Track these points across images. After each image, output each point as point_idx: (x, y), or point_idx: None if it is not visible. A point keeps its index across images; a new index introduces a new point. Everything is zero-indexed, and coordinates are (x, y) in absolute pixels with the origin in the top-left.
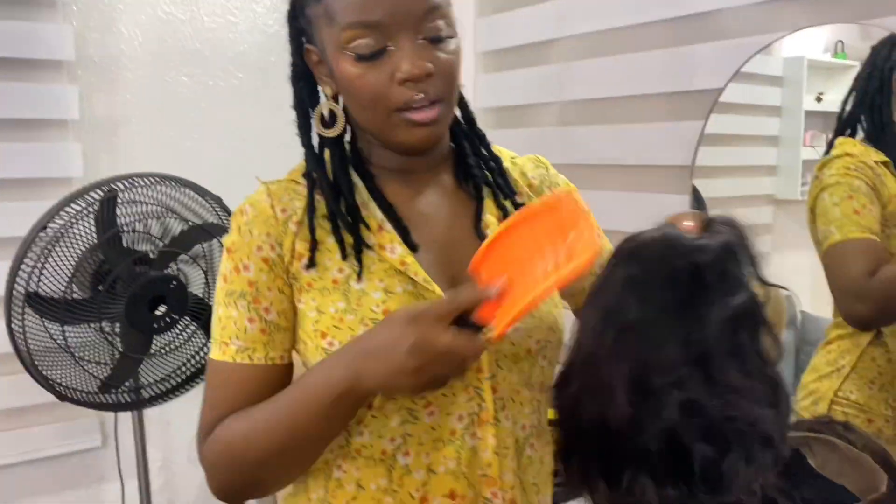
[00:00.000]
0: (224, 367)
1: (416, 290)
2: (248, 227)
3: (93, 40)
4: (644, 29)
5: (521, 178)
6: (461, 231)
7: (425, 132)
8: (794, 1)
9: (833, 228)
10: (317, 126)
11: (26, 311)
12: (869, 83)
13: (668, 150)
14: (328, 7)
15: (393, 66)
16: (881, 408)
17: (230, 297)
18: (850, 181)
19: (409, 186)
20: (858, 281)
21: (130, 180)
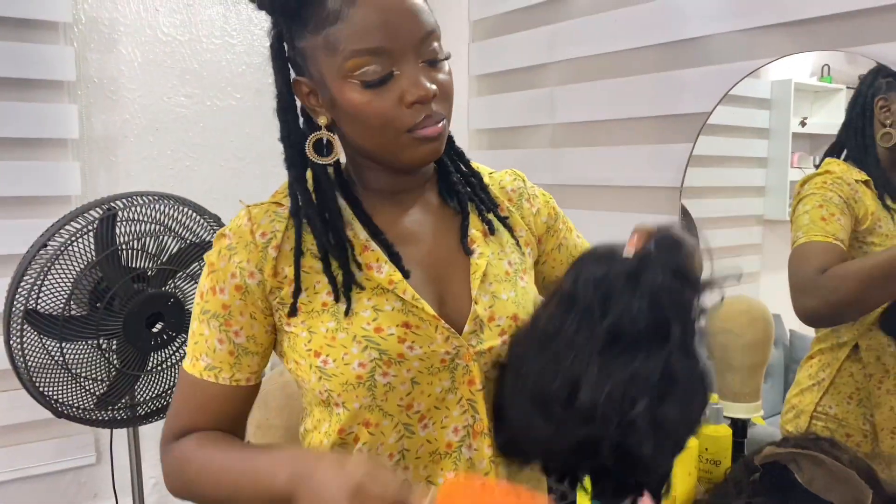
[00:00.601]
0: (192, 381)
1: (404, 307)
2: (227, 253)
3: (93, 61)
4: (633, 54)
5: (500, 192)
6: (447, 247)
7: (432, 147)
8: (778, 28)
9: (800, 234)
10: (310, 154)
11: (25, 327)
12: (854, 107)
13: (658, 172)
14: (329, 37)
15: (400, 89)
16: (859, 423)
17: (204, 316)
18: (823, 192)
19: (396, 208)
20: (808, 276)
21: (130, 199)
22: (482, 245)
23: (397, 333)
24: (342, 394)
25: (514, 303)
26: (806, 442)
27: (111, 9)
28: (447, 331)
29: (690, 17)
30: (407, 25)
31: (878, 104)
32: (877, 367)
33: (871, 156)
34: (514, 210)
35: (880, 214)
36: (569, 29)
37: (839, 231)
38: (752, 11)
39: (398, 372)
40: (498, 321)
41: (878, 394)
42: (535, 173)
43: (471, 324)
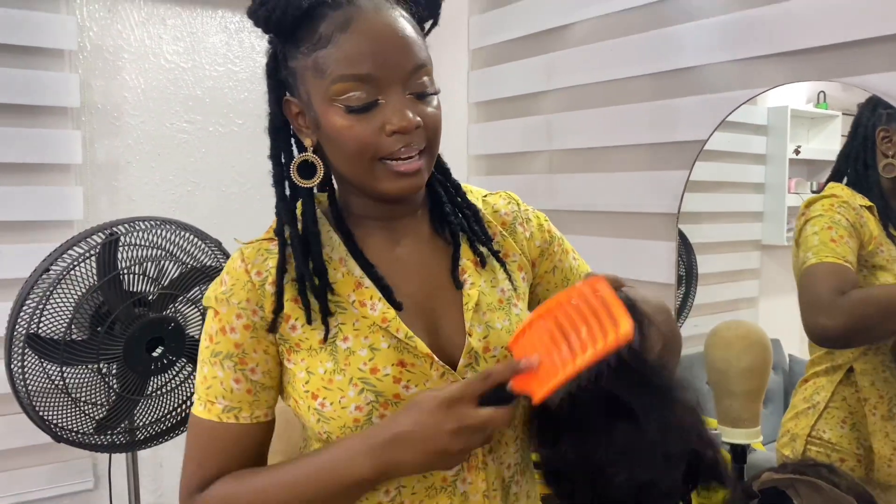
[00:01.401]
0: (210, 426)
1: (399, 345)
2: (226, 297)
3: (97, 87)
4: (629, 83)
5: (493, 217)
6: (438, 279)
7: (407, 182)
8: (773, 59)
9: (810, 254)
10: (294, 177)
11: (26, 352)
12: (854, 138)
13: (655, 198)
14: (318, 60)
15: (383, 118)
16: (853, 447)
17: (216, 357)
18: (831, 215)
19: (387, 237)
20: (826, 297)
21: (132, 224)
22: (473, 275)
23: (392, 373)
24: (340, 436)
25: (508, 332)
26: (804, 468)
27: (116, 36)
28: (442, 367)
29: (686, 46)
30: (396, 57)
31: (880, 135)
32: (871, 391)
33: (872, 185)
34: (508, 234)
35: (882, 239)
36: (566, 58)
37: (848, 253)
38: (746, 42)
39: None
40: (493, 352)
41: (872, 420)
42: (533, 199)
43: (465, 357)
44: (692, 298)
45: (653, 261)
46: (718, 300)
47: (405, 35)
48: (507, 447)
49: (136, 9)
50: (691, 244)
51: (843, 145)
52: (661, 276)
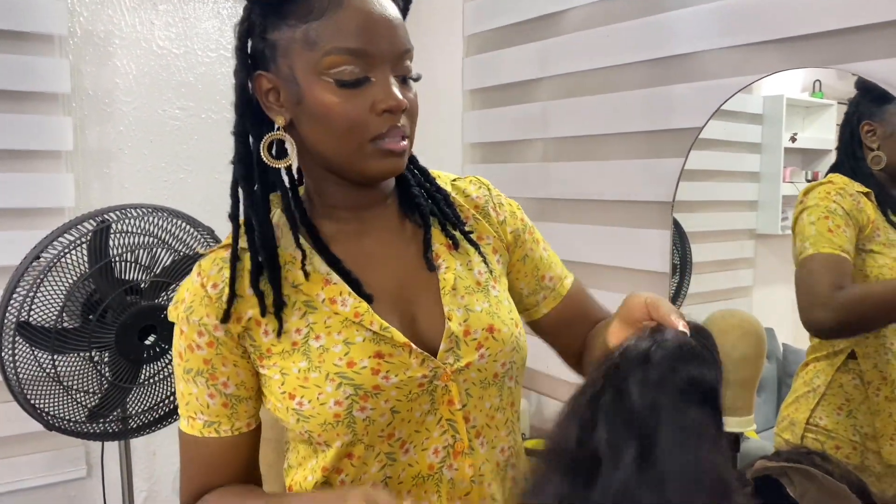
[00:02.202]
0: (194, 441)
1: (375, 337)
2: (186, 315)
3: (88, 73)
4: (624, 70)
5: (465, 201)
6: (411, 266)
7: (394, 162)
8: (769, 45)
9: (807, 244)
10: (265, 156)
11: (17, 340)
12: (843, 133)
13: (650, 186)
14: (309, 32)
15: (372, 96)
16: (849, 434)
17: (188, 374)
18: (827, 204)
19: (355, 229)
20: (824, 291)
21: (123, 211)
22: (448, 259)
23: (370, 365)
24: (322, 434)
25: (488, 314)
26: (797, 456)
27: (107, 22)
28: (421, 354)
29: (681, 33)
30: (389, 37)
31: (864, 129)
32: (874, 374)
33: (867, 177)
34: (481, 217)
35: (880, 224)
36: (561, 44)
37: (845, 243)
38: (743, 28)
39: (376, 404)
40: (474, 335)
41: (876, 401)
42: (528, 187)
43: (446, 342)
44: (686, 287)
45: (647, 249)
46: (713, 289)
47: (397, 17)
48: (497, 431)
49: None
50: (686, 233)
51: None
52: (656, 264)
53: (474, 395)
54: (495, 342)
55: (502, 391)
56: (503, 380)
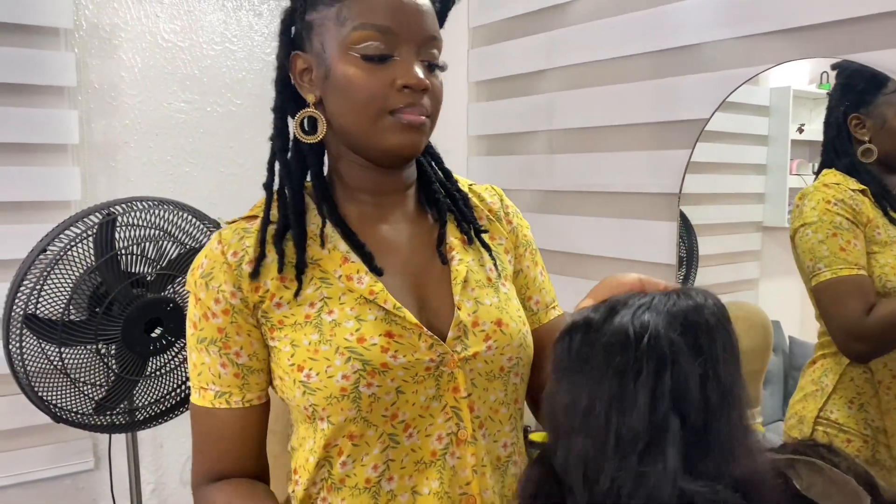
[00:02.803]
0: (205, 412)
1: (387, 316)
2: (204, 280)
3: (94, 67)
4: (630, 61)
5: (480, 203)
6: (424, 255)
7: (411, 137)
8: (775, 35)
9: (822, 266)
10: (297, 132)
11: (24, 332)
12: (829, 128)
13: (656, 178)
14: (342, 9)
15: (395, 72)
16: (860, 427)
17: (202, 344)
18: (831, 218)
19: (375, 213)
20: (856, 321)
21: (129, 204)
22: (461, 252)
23: (380, 343)
24: (326, 407)
25: (497, 308)
26: (804, 448)
27: (112, 15)
28: (430, 338)
29: (687, 24)
30: (417, 21)
31: (852, 122)
32: (884, 372)
33: (861, 171)
34: (494, 219)
35: (879, 221)
36: (567, 36)
37: (860, 258)
38: (747, 19)
39: (382, 382)
40: (482, 326)
41: (886, 398)
42: (534, 179)
43: (454, 330)
44: (693, 280)
45: (654, 241)
46: (719, 282)
47: (426, 4)
48: (501, 425)
49: None
50: (692, 225)
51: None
52: (662, 256)
53: (479, 387)
54: (503, 335)
55: (507, 386)
56: (509, 374)
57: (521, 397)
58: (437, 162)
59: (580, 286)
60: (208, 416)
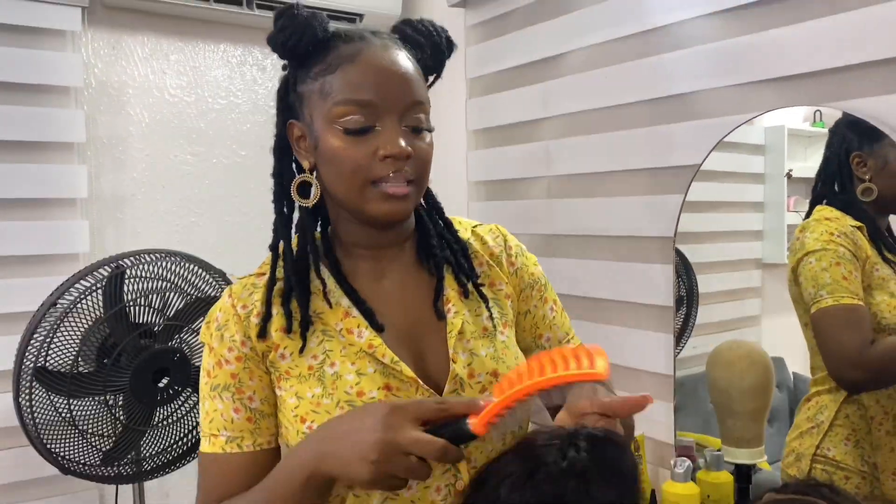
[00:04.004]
0: (215, 458)
1: (385, 369)
2: (219, 332)
3: (102, 122)
4: (625, 109)
5: (482, 248)
6: (421, 308)
7: (395, 206)
8: (763, 84)
9: (824, 293)
10: (294, 195)
11: (34, 385)
12: (828, 165)
13: (651, 222)
14: (325, 84)
15: (377, 143)
16: (857, 464)
17: (215, 391)
18: (835, 248)
19: (374, 267)
20: (856, 349)
21: (137, 256)
22: (457, 304)
23: (379, 397)
24: None
25: (492, 358)
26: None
27: (120, 72)
28: (427, 391)
29: (679, 73)
30: (396, 90)
31: (854, 161)
32: (877, 408)
33: (857, 209)
34: (495, 265)
35: (876, 260)
36: (562, 86)
37: (860, 289)
38: (738, 68)
39: None
40: (478, 378)
41: (878, 435)
42: (532, 224)
43: (450, 383)
44: (694, 318)
45: (651, 284)
46: (721, 319)
47: (407, 72)
48: None
49: (140, 45)
50: (691, 264)
51: (819, 169)
52: (660, 298)
53: None
54: None
55: (505, 436)
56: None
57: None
58: (439, 212)
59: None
60: (217, 462)
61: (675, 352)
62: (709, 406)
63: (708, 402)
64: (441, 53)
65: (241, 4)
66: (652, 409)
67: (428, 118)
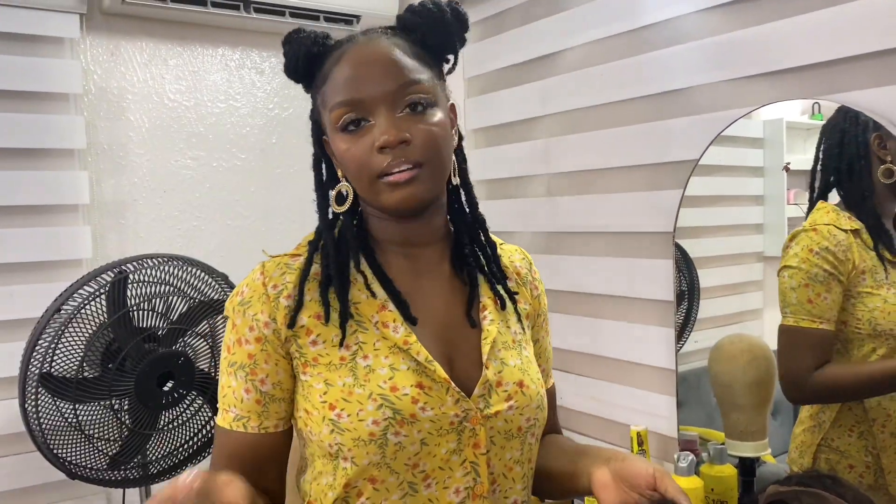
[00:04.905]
0: (224, 433)
1: (418, 367)
2: (242, 308)
3: (103, 129)
4: (622, 106)
5: (509, 264)
6: (455, 313)
7: (403, 192)
8: (760, 78)
9: (788, 311)
10: (332, 204)
11: (40, 391)
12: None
13: (651, 217)
14: (324, 95)
15: (373, 137)
16: (861, 454)
17: (231, 368)
18: (809, 268)
19: (409, 265)
20: (801, 373)
21: (140, 261)
22: (493, 313)
23: (411, 394)
24: (353, 448)
25: (520, 369)
26: (809, 479)
27: (119, 78)
28: (458, 394)
29: (676, 69)
30: (379, 79)
31: (875, 141)
32: (878, 411)
33: (867, 198)
34: (521, 284)
35: (870, 265)
36: (560, 83)
37: (826, 311)
38: (734, 63)
39: (409, 432)
40: (505, 386)
41: (881, 437)
42: (533, 221)
43: (480, 387)
44: (695, 313)
45: (652, 279)
46: (723, 314)
47: (389, 58)
48: (513, 483)
49: (139, 51)
50: (692, 259)
51: (825, 159)
52: (661, 293)
53: (497, 444)
54: (524, 397)
55: (524, 445)
56: (525, 434)
57: (534, 457)
58: (483, 230)
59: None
60: (226, 436)
61: (677, 347)
62: (712, 401)
63: (711, 396)
64: (445, 26)
65: (238, 8)
66: (655, 404)
67: (430, 96)
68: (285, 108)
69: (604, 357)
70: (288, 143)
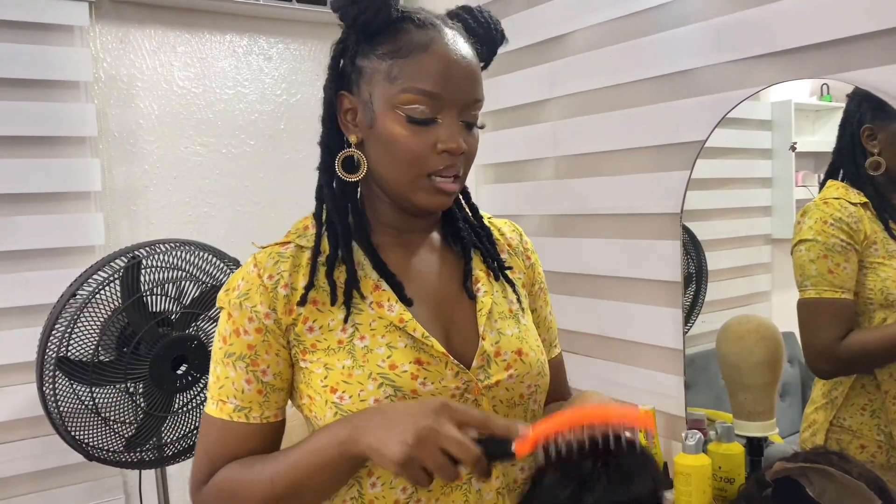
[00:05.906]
0: (221, 424)
1: (416, 344)
2: (239, 301)
3: (113, 116)
4: (630, 87)
5: (500, 238)
6: (450, 287)
7: (443, 200)
8: (767, 58)
9: (808, 284)
10: (338, 170)
11: (57, 374)
12: (843, 135)
13: (658, 199)
14: (393, 67)
15: (437, 135)
16: (873, 433)
17: (229, 359)
18: (826, 239)
19: (403, 246)
20: (828, 344)
21: (152, 247)
22: (486, 284)
23: (410, 370)
24: None
25: (518, 338)
26: (815, 456)
27: (129, 66)
28: (456, 367)
29: (682, 50)
30: (463, 86)
31: (865, 133)
32: (890, 383)
33: (866, 182)
34: (513, 256)
35: (879, 236)
36: (567, 66)
37: (847, 281)
38: (739, 43)
39: None
40: (504, 356)
41: (894, 409)
42: (541, 204)
43: (478, 359)
44: (703, 295)
45: (659, 260)
46: (731, 296)
47: (475, 69)
48: None
49: (148, 38)
50: (700, 241)
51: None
52: (668, 274)
53: (500, 413)
54: (523, 364)
55: (527, 412)
56: (528, 401)
57: None
58: (466, 197)
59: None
60: (224, 428)
61: (685, 328)
62: (720, 383)
63: (719, 378)
64: (495, 47)
65: None
66: (663, 384)
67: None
68: (293, 93)
69: (612, 338)
70: (296, 129)
